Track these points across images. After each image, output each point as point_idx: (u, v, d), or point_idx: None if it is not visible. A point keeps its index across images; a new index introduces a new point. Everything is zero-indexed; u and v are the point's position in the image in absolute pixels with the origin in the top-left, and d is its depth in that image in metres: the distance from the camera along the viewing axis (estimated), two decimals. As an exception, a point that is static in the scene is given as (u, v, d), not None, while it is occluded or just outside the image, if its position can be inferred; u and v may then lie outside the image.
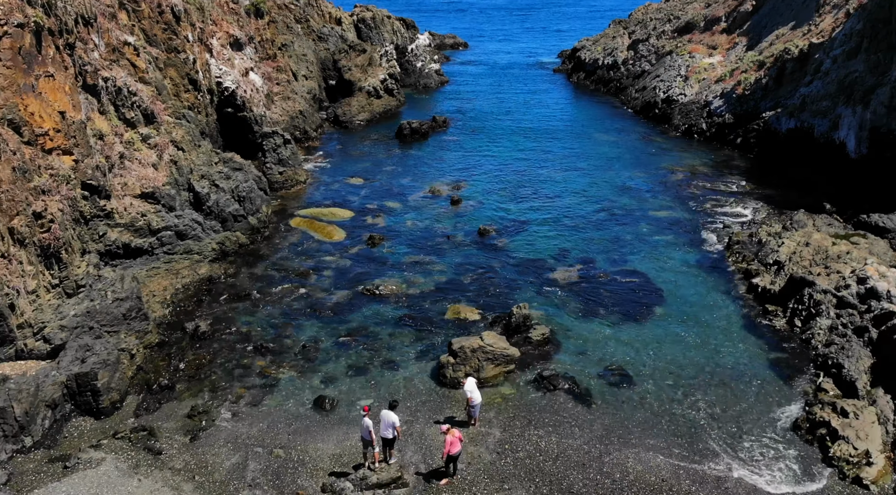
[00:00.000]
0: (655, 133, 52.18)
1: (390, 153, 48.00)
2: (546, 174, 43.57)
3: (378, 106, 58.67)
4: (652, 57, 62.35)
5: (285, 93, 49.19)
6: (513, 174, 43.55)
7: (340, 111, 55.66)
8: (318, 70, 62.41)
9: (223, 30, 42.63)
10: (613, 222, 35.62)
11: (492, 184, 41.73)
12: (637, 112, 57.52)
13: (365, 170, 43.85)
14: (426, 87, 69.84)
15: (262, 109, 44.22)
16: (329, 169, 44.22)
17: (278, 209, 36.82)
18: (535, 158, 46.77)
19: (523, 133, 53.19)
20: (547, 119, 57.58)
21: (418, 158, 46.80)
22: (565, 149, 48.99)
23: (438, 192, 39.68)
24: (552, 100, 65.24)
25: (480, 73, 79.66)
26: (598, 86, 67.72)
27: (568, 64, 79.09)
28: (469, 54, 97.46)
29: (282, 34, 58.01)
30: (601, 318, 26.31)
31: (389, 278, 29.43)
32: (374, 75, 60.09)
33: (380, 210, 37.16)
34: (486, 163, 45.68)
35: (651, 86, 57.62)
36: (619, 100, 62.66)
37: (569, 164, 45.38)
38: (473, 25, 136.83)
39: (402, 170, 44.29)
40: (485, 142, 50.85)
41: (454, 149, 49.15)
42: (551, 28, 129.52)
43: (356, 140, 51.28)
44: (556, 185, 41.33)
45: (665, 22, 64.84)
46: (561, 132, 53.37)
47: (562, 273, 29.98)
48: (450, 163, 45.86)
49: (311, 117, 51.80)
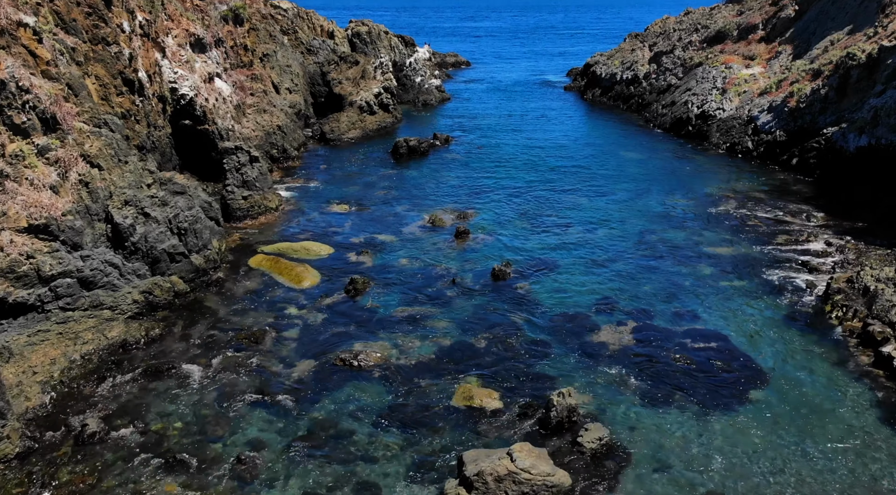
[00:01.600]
0: (691, 152, 44.13)
1: (384, 174, 39.89)
2: (570, 199, 35.34)
3: (371, 122, 50.73)
4: (678, 69, 54.64)
5: (261, 105, 41.21)
6: (530, 200, 35.33)
7: (328, 127, 47.67)
8: (306, 84, 54.63)
9: (182, 27, 34.75)
10: (663, 261, 27.28)
11: (505, 211, 33.49)
12: (666, 129, 49.55)
13: (352, 195, 35.66)
14: (426, 104, 62.07)
15: (230, 122, 36.16)
16: (309, 193, 36.02)
17: (237, 244, 28.49)
18: (556, 181, 38.61)
19: (538, 152, 45.15)
20: (564, 137, 49.57)
21: (416, 181, 38.65)
22: (589, 170, 40.88)
23: (440, 222, 31.40)
24: (567, 117, 57.34)
25: (485, 90, 72.01)
26: (617, 102, 59.91)
27: (580, 80, 71.48)
28: (472, 72, 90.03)
29: (264, 43, 50.34)
30: (679, 408, 17.75)
31: (374, 342, 20.98)
32: (367, 89, 52.25)
33: (367, 245, 28.84)
34: (496, 187, 37.53)
35: (681, 100, 49.74)
36: (642, 117, 54.77)
37: (596, 188, 37.20)
38: (476, 47, 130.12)
39: (396, 194, 36.08)
40: (494, 162, 42.80)
41: (458, 170, 41.07)
42: (555, 50, 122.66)
43: (345, 159, 43.22)
44: (584, 213, 33.08)
45: (691, 32, 57.24)
46: (581, 151, 45.33)
47: (610, 333, 21.54)
48: (454, 186, 37.70)
49: (293, 134, 43.77)
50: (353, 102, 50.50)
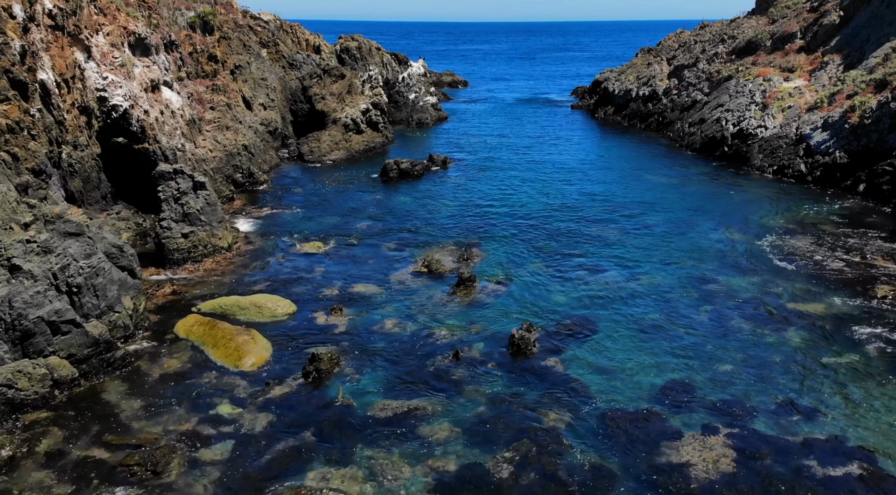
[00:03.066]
0: (730, 176, 37.19)
1: (369, 202, 32.77)
2: (596, 234, 28.23)
3: (358, 142, 43.77)
4: (703, 84, 48.02)
5: (223, 121, 34.17)
6: (547, 235, 28.21)
7: (306, 148, 40.65)
8: (285, 100, 47.77)
9: (119, 24, 27.79)
10: (735, 322, 20.05)
11: (518, 250, 26.35)
12: (696, 150, 42.71)
13: (329, 229, 28.50)
14: (421, 123, 55.27)
15: (179, 140, 29.07)
16: (276, 226, 28.83)
17: (167, 300, 21.16)
18: (576, 210, 31.55)
19: (551, 176, 38.18)
20: (578, 160, 42.66)
21: (408, 211, 31.54)
22: (615, 197, 33.85)
23: (438, 267, 24.18)
24: (578, 137, 50.52)
25: (485, 110, 65.37)
26: (633, 121, 53.20)
27: (588, 99, 64.93)
28: (469, 92, 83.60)
29: (237, 54, 43.57)
30: None
31: (339, 468, 13.60)
32: (353, 105, 45.38)
33: (342, 299, 21.59)
34: (505, 218, 30.44)
35: (712, 117, 42.98)
36: (664, 136, 47.99)
37: (627, 219, 30.12)
38: (473, 67, 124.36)
39: (383, 228, 28.95)
40: (500, 187, 35.79)
41: (459, 197, 34.01)
42: (555, 70, 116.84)
43: (324, 184, 36.11)
44: (618, 251, 25.95)
45: (717, 43, 50.75)
46: (601, 175, 38.37)
47: (696, 448, 14.16)
48: (453, 217, 30.60)
49: (263, 154, 36.73)
50: (338, 120, 43.58)
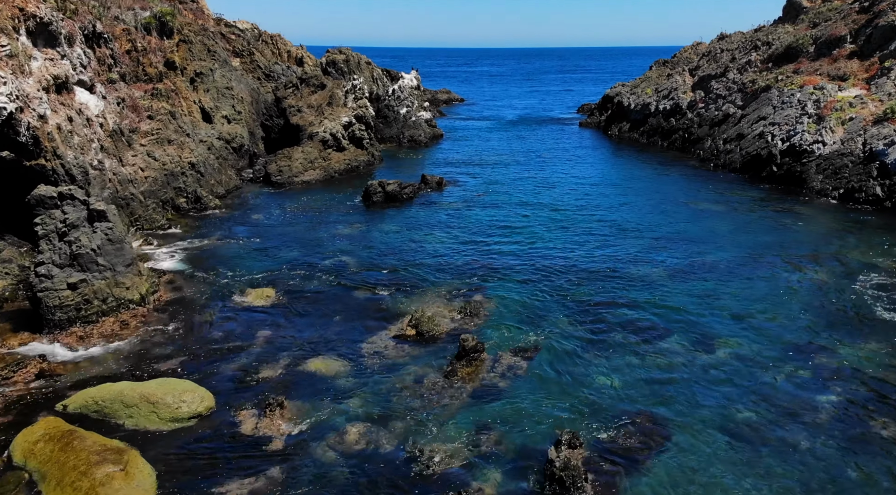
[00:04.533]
0: (785, 202, 30.34)
1: (345, 233, 25.79)
2: (639, 275, 21.17)
3: (338, 161, 36.96)
4: (736, 96, 41.52)
5: (164, 133, 27.27)
6: (575, 277, 21.17)
7: (274, 167, 33.75)
8: (255, 113, 41.08)
9: (12, 4, 21.03)
10: (882, 426, 13.10)
11: (538, 300, 19.31)
12: (736, 170, 35.95)
13: (287, 270, 21.46)
14: (414, 141, 48.59)
15: (95, 155, 22.14)
16: (217, 266, 21.76)
17: (24, 390, 14.04)
18: (607, 243, 24.52)
19: (566, 203, 31.33)
20: (597, 184, 35.89)
21: (394, 244, 24.55)
22: (652, 229, 26.89)
23: (430, 327, 17.10)
24: (592, 158, 43.84)
25: (485, 128, 58.84)
26: (653, 138, 46.60)
27: (598, 115, 58.47)
28: (467, 109, 77.26)
29: (199, 60, 37.00)
30: None
31: None
32: (334, 117, 38.64)
33: (288, 385, 14.45)
34: (517, 255, 23.42)
35: (754, 132, 36.34)
36: (692, 155, 41.32)
37: (675, 257, 23.08)
38: (471, 87, 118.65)
39: (359, 267, 21.93)
40: (506, 214, 28.90)
41: (457, 226, 27.08)
42: (556, 88, 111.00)
43: (292, 210, 29.16)
44: (672, 299, 18.87)
45: (749, 50, 44.38)
46: (628, 202, 31.53)
47: None
48: (451, 252, 23.60)
49: (218, 174, 29.83)
50: (315, 134, 36.79)
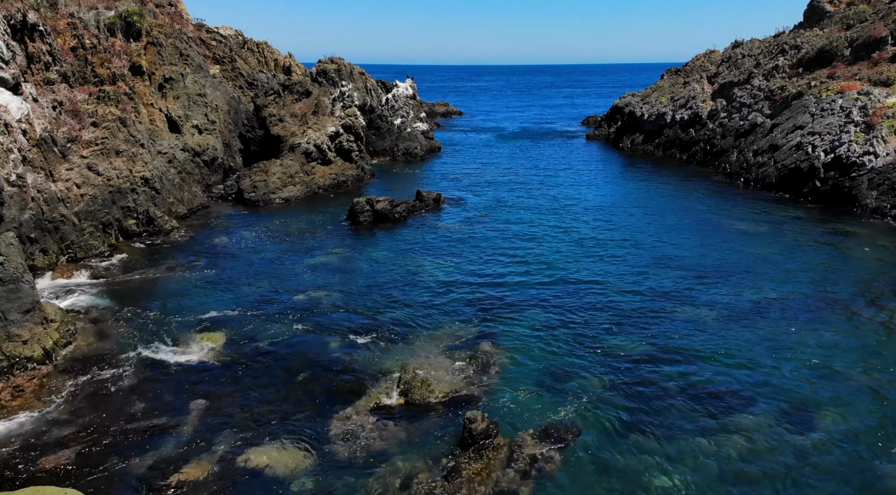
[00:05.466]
0: (836, 222, 26.01)
1: (323, 262, 21.44)
2: (686, 317, 16.79)
3: (323, 175, 32.77)
4: (763, 104, 37.52)
5: (112, 143, 23.01)
6: (605, 319, 16.80)
7: (248, 182, 29.49)
8: (234, 123, 36.95)
9: None
10: None
11: (563, 352, 14.94)
12: (771, 186, 31.74)
13: (242, 311, 17.10)
14: (409, 154, 44.50)
15: (14, 169, 17.91)
16: (159, 304, 17.38)
17: None
18: (636, 274, 20.13)
19: (582, 222, 27.07)
20: (615, 203, 31.71)
21: (380, 276, 20.20)
22: (689, 257, 22.49)
23: (423, 393, 12.73)
24: (605, 173, 39.72)
25: (486, 141, 54.82)
26: (671, 151, 42.52)
27: (606, 127, 54.49)
28: (466, 121, 73.38)
29: (169, 65, 32.98)
30: None
31: None
32: (319, 127, 34.51)
33: (219, 492, 10.16)
34: (529, 288, 19.03)
35: (790, 143, 32.24)
36: (716, 169, 37.19)
37: (724, 293, 18.66)
38: (469, 100, 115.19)
39: (335, 305, 17.56)
40: (513, 237, 24.58)
41: (457, 252, 22.76)
42: (557, 101, 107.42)
43: (266, 232, 24.86)
44: (737, 351, 14.54)
45: (774, 55, 40.46)
46: (655, 225, 27.26)
47: None
48: (450, 285, 19.23)
49: (179, 191, 25.58)
50: (297, 146, 32.62)
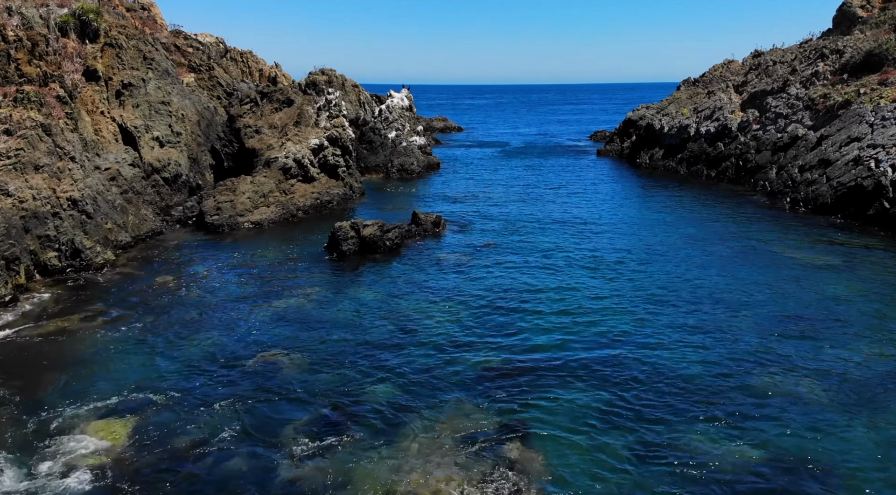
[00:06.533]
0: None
1: (290, 308, 16.59)
2: (784, 386, 12.07)
3: (304, 194, 28.10)
4: (802, 114, 33.11)
5: (30, 156, 18.28)
6: (670, 392, 12.03)
7: (211, 204, 24.73)
8: (204, 136, 32.32)
9: None
10: None
11: (626, 458, 10.22)
12: (825, 207, 27.07)
13: (165, 392, 12.31)
14: (404, 171, 39.92)
15: None
16: (44, 381, 12.59)
17: None
18: (693, 318, 15.33)
19: (610, 254, 22.25)
20: (643, 227, 27.04)
21: (362, 330, 15.34)
22: (753, 296, 17.58)
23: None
24: (626, 193, 35.11)
25: (488, 157, 50.33)
26: (697, 167, 37.98)
27: (618, 142, 50.08)
28: (465, 137, 69.03)
29: (130, 69, 28.54)
30: None
31: None
32: (300, 140, 29.92)
33: None
34: (559, 346, 14.36)
35: (845, 157, 27.71)
36: (753, 187, 32.62)
37: (825, 354, 13.81)
38: (468, 117, 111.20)
39: (295, 381, 12.76)
40: (531, 270, 19.76)
41: (460, 289, 17.93)
42: (561, 117, 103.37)
43: (225, 267, 20.05)
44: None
45: (812, 61, 36.15)
46: (697, 253, 22.48)
47: None
48: (452, 342, 14.43)
49: (121, 215, 20.83)
50: (273, 161, 27.98)
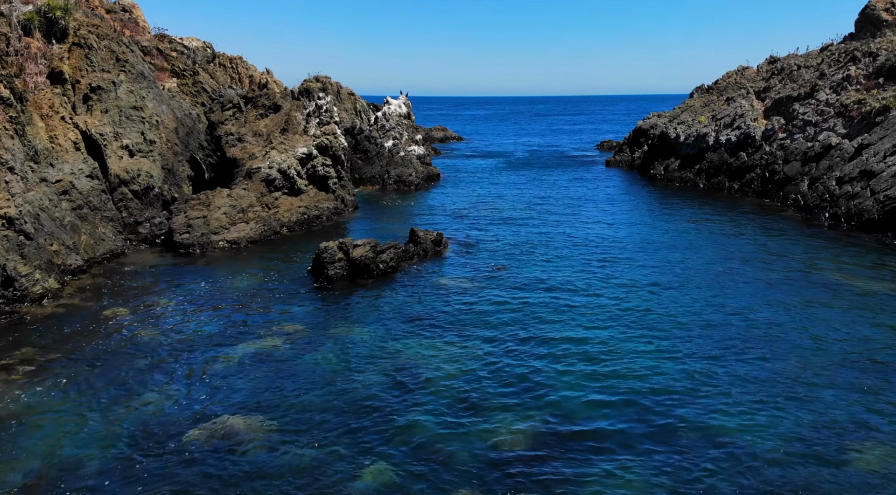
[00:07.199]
0: None
1: (259, 353, 13.60)
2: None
3: (290, 209, 25.21)
4: (834, 121, 30.35)
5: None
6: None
7: (181, 220, 21.78)
8: (181, 144, 29.49)
9: None
10: None
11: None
12: (872, 223, 24.10)
13: (88, 484, 9.40)
14: (402, 182, 37.07)
15: None
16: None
17: None
18: (764, 372, 12.39)
19: (635, 277, 19.34)
20: (674, 250, 24.08)
21: (348, 381, 12.34)
22: (831, 343, 14.88)
23: None
24: (644, 208, 32.24)
25: (492, 168, 47.55)
26: (718, 179, 35.13)
27: (629, 152, 47.34)
28: (466, 146, 66.34)
29: (101, 71, 25.79)
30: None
31: None
32: (286, 148, 27.09)
33: None
34: (594, 414, 11.41)
35: (891, 168, 24.83)
36: (784, 201, 29.80)
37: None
38: (469, 127, 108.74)
39: (255, 477, 9.92)
40: (549, 301, 16.88)
41: (469, 326, 14.93)
42: (565, 127, 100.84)
43: (191, 295, 17.11)
44: None
45: (843, 64, 33.46)
46: (738, 278, 19.44)
47: None
48: (460, 404, 11.48)
49: (71, 234, 17.92)
50: (254, 171, 25.12)
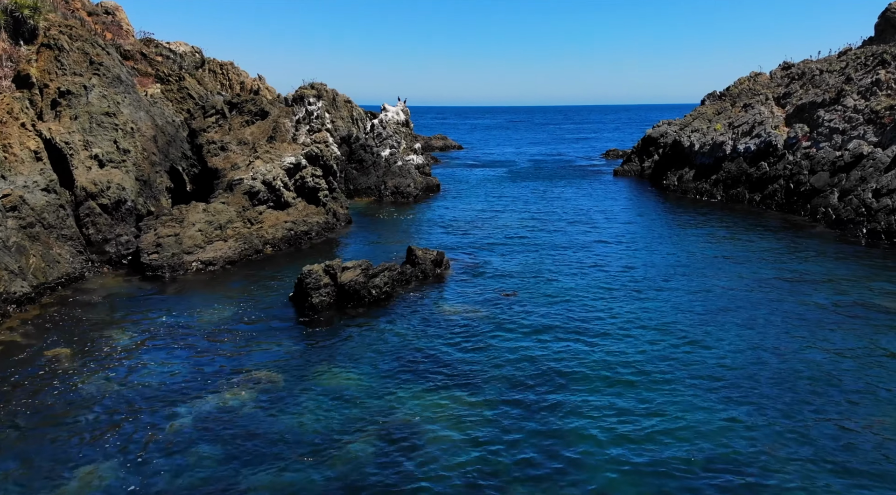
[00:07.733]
0: None
1: (227, 409, 11.22)
2: None
3: (275, 224, 22.91)
4: (864, 128, 28.15)
5: None
6: None
7: (150, 239, 19.46)
8: (161, 153, 27.22)
9: None
10: None
11: None
12: (919, 241, 22.05)
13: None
14: (400, 194, 34.81)
15: None
16: None
17: None
18: (831, 425, 10.24)
19: (666, 305, 16.96)
20: (704, 276, 21.82)
21: (329, 450, 9.90)
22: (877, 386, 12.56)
23: None
24: (662, 224, 29.92)
25: (495, 178, 45.33)
26: (737, 190, 32.88)
27: (639, 161, 45.16)
28: (466, 155, 64.18)
29: (72, 74, 23.57)
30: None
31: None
32: (272, 157, 24.83)
33: None
34: (628, 481, 9.11)
35: (937, 179, 22.66)
36: (811, 215, 27.53)
37: None
38: (469, 136, 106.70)
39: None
40: (567, 335, 14.55)
41: (478, 372, 12.57)
42: (568, 136, 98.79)
43: (149, 330, 14.76)
44: None
45: (873, 67, 31.29)
46: (777, 311, 17.18)
47: None
48: (465, 481, 9.19)
49: (16, 258, 15.68)
50: (236, 183, 22.85)
